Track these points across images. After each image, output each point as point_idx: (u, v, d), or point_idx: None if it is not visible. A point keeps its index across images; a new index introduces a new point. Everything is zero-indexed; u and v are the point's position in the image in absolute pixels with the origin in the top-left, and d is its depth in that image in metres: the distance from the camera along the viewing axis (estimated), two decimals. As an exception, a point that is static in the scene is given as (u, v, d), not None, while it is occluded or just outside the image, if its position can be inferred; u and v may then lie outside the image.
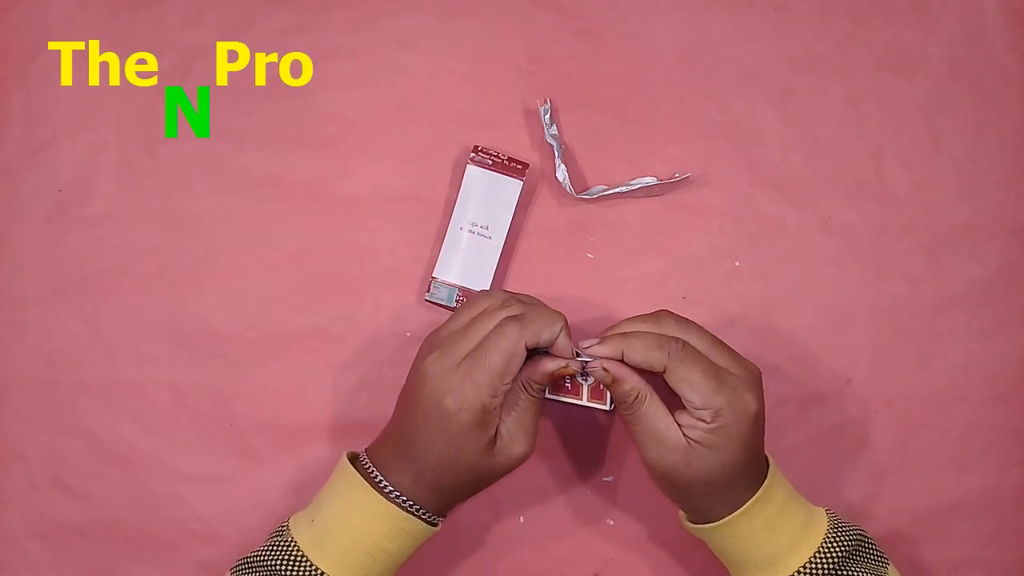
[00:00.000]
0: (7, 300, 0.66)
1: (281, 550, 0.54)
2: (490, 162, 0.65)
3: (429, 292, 0.65)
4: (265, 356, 0.66)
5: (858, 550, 0.55)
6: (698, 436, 0.53)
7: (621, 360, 0.54)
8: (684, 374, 0.53)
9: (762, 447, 0.56)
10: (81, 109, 0.67)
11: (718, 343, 0.56)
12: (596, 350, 0.55)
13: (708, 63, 0.68)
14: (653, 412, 0.54)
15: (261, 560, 0.54)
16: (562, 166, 0.65)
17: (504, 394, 0.53)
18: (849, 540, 0.55)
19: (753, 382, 0.55)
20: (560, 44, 0.68)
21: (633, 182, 0.66)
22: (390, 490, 0.54)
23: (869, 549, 0.56)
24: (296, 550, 0.54)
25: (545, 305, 0.57)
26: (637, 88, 0.68)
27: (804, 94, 0.68)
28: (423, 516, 0.55)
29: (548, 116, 0.66)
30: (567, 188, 0.65)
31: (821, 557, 0.54)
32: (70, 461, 0.65)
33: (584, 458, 0.66)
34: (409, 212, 0.66)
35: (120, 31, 0.67)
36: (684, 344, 0.54)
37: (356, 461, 0.57)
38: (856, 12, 0.68)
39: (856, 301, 0.66)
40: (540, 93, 0.67)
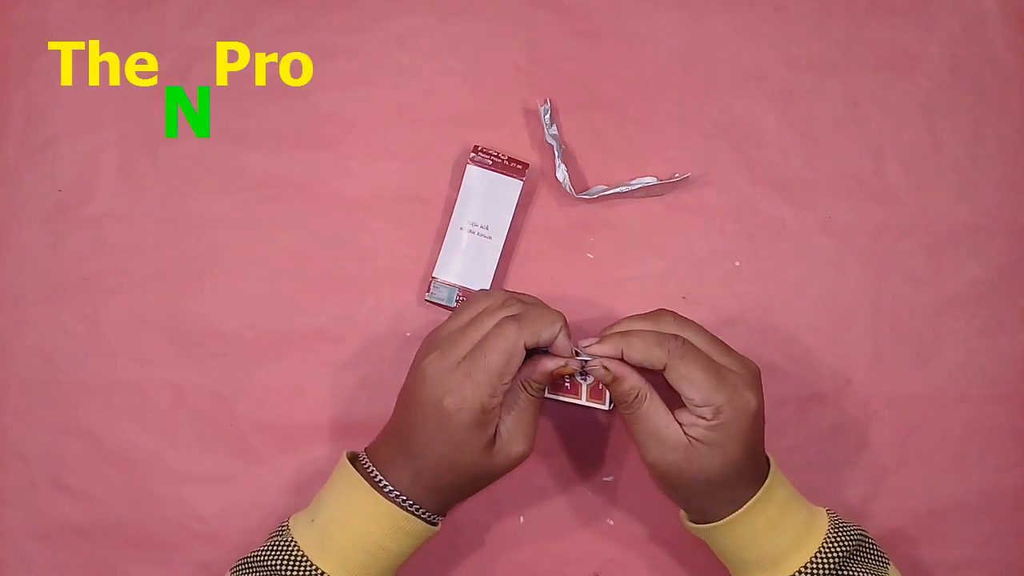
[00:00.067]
0: (7, 300, 0.66)
1: (281, 550, 0.54)
2: (490, 162, 0.65)
3: (429, 292, 0.65)
4: (265, 356, 0.66)
5: (859, 550, 0.55)
6: (699, 434, 0.53)
7: (621, 358, 0.54)
8: (684, 371, 0.53)
9: (762, 445, 0.56)
10: (81, 109, 0.67)
11: (717, 341, 0.56)
12: (596, 349, 0.55)
13: (708, 63, 0.68)
14: (653, 411, 0.54)
15: (261, 560, 0.54)
16: (562, 166, 0.65)
17: (503, 394, 0.53)
18: (850, 540, 0.55)
19: (753, 380, 0.55)
20: (560, 44, 0.68)
21: (633, 182, 0.66)
22: (389, 489, 0.54)
23: (870, 549, 0.56)
24: (296, 550, 0.54)
25: (545, 305, 0.57)
26: (637, 88, 0.68)
27: (804, 94, 0.68)
28: (423, 515, 0.55)
29: (548, 116, 0.66)
30: (567, 188, 0.65)
31: (822, 557, 0.54)
32: (70, 461, 0.65)
33: (584, 458, 0.66)
34: (409, 212, 0.66)
35: (120, 31, 0.67)
36: (684, 342, 0.54)
37: (356, 461, 0.57)
38: (856, 12, 0.68)
39: (856, 301, 0.66)
40: (540, 93, 0.67)
